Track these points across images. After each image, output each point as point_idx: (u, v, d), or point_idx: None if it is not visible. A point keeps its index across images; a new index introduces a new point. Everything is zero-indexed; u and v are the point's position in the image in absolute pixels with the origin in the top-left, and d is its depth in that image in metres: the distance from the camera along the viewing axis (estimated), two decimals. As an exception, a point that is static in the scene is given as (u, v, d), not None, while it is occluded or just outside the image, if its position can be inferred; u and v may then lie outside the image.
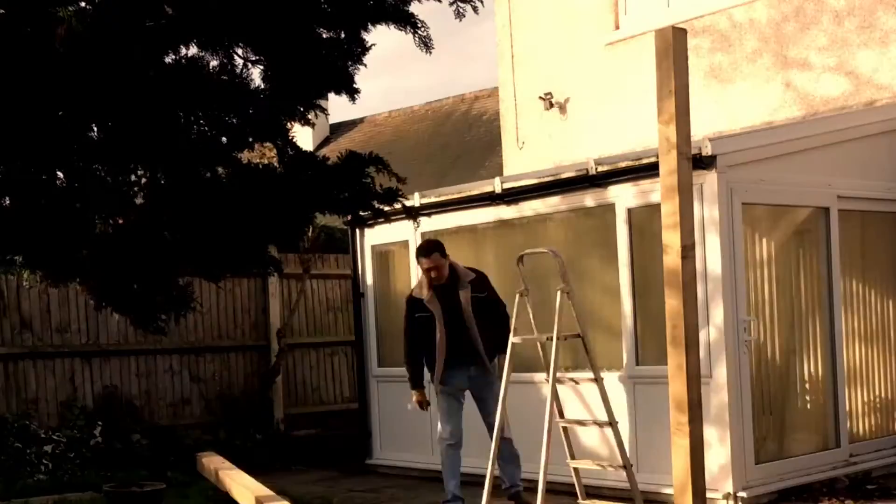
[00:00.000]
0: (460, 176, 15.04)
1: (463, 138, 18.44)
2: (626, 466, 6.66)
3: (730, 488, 7.31)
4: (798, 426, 8.21)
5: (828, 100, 9.58)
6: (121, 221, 4.69)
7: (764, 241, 8.04)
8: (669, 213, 5.98)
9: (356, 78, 4.84)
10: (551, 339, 6.69)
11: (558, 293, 6.71)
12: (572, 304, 6.78)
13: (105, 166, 4.60)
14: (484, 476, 7.09)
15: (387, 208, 6.11)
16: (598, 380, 6.83)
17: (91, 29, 4.07)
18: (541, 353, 7.14)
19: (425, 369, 7.92)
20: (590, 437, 8.12)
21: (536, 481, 6.68)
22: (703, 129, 9.34)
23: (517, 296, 7.03)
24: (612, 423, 6.74)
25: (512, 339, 7.00)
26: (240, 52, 4.58)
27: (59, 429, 10.15)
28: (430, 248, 7.76)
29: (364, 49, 4.80)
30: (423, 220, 9.26)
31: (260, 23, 4.43)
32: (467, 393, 7.90)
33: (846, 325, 8.33)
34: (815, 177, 8.09)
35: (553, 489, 8.10)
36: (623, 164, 8.02)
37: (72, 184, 4.62)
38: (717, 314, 7.35)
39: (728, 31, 10.30)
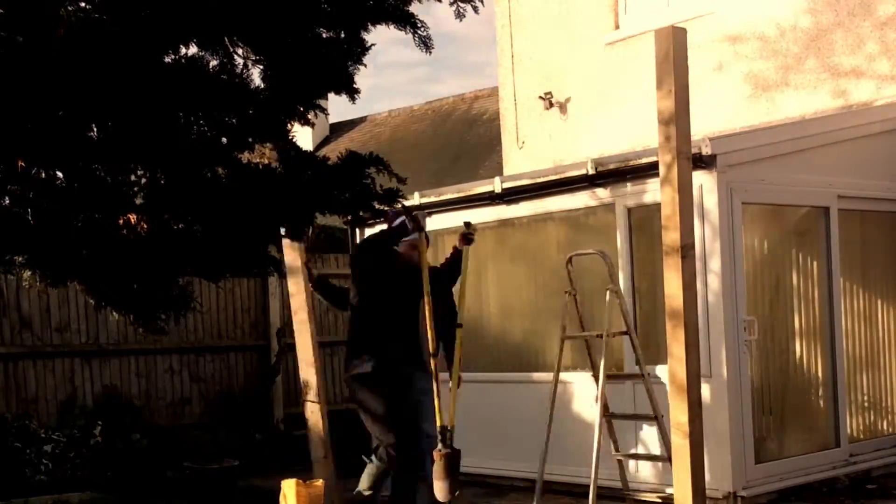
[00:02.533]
0: (460, 176, 15.04)
1: (463, 138, 18.43)
2: (669, 459, 6.65)
3: (730, 488, 7.31)
4: (798, 426, 8.21)
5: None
6: (121, 221, 4.68)
7: (764, 240, 8.04)
8: (669, 212, 5.98)
9: (356, 77, 4.83)
10: (601, 337, 6.93)
11: (607, 292, 6.94)
12: (620, 302, 7.01)
13: (105, 166, 4.59)
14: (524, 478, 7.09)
15: (387, 208, 6.11)
16: (644, 376, 7.00)
17: (91, 29, 4.07)
18: (587, 350, 7.36)
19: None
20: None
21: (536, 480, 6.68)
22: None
23: (566, 295, 7.23)
24: (657, 416, 6.92)
25: (562, 335, 7.20)
26: (240, 52, 4.57)
27: (58, 428, 10.14)
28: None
29: (364, 49, 4.79)
30: (422, 219, 9.26)
31: (260, 23, 4.43)
32: None
33: (846, 325, 8.34)
34: (815, 176, 8.09)
35: (553, 489, 8.11)
36: (623, 164, 8.02)
37: (72, 184, 4.61)
38: (718, 314, 7.35)
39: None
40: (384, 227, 6.87)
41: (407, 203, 7.59)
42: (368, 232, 10.09)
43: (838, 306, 8.18)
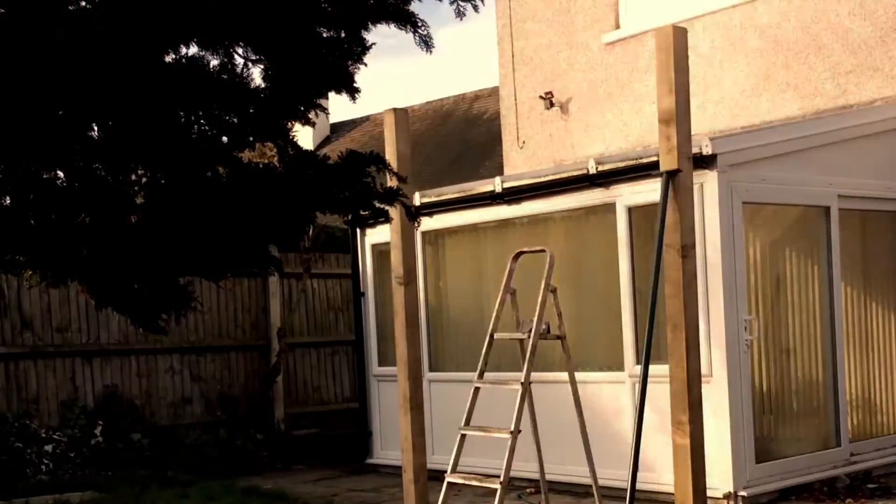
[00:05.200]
0: (460, 176, 15.04)
1: (463, 138, 18.43)
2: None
3: (730, 487, 7.31)
4: (798, 425, 8.21)
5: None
6: (121, 221, 4.68)
7: (765, 240, 8.04)
8: (669, 212, 5.98)
9: (356, 77, 4.83)
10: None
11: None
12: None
13: (105, 166, 4.60)
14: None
15: (387, 208, 6.12)
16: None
17: (91, 29, 4.07)
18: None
19: None
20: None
21: (535, 480, 6.68)
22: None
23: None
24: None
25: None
26: (240, 51, 4.56)
27: (59, 428, 10.15)
28: None
29: (364, 48, 4.78)
30: (423, 219, 9.27)
31: (260, 22, 4.43)
32: None
33: (846, 324, 8.34)
34: (815, 176, 8.10)
35: (553, 489, 8.12)
36: (623, 164, 8.02)
37: (72, 184, 4.61)
38: (718, 314, 7.35)
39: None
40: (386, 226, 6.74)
41: (407, 203, 7.59)
42: (369, 231, 10.11)
43: (839, 305, 8.18)
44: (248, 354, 11.94)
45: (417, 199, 9.27)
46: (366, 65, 4.78)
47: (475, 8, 4.67)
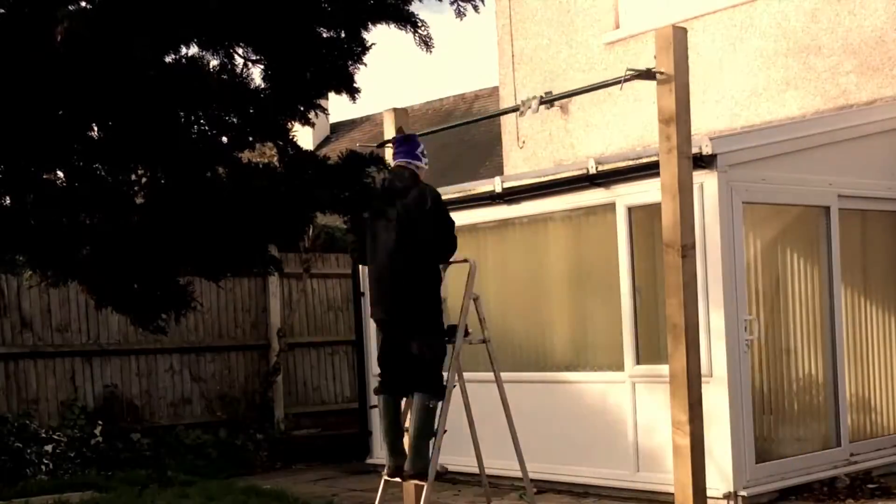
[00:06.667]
0: (460, 176, 15.04)
1: (463, 138, 18.43)
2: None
3: (730, 487, 7.30)
4: (798, 425, 8.21)
5: None
6: (121, 221, 4.68)
7: (765, 240, 8.04)
8: (669, 212, 5.99)
9: (356, 77, 4.84)
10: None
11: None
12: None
13: (105, 166, 4.60)
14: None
15: (387, 208, 6.12)
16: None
17: (91, 29, 4.08)
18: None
19: None
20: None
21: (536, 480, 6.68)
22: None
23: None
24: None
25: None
26: (240, 51, 4.57)
27: (59, 428, 10.15)
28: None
29: (364, 48, 4.78)
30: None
31: (260, 22, 4.43)
32: None
33: (846, 323, 8.33)
34: (815, 175, 8.09)
35: (553, 489, 8.14)
36: (623, 164, 8.02)
37: (72, 184, 4.62)
38: (718, 314, 7.35)
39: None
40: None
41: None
42: (369, 232, 10.10)
43: (839, 305, 8.17)
44: (248, 354, 11.95)
45: (417, 199, 9.25)
46: (366, 65, 4.79)
47: (475, 8, 4.67)
